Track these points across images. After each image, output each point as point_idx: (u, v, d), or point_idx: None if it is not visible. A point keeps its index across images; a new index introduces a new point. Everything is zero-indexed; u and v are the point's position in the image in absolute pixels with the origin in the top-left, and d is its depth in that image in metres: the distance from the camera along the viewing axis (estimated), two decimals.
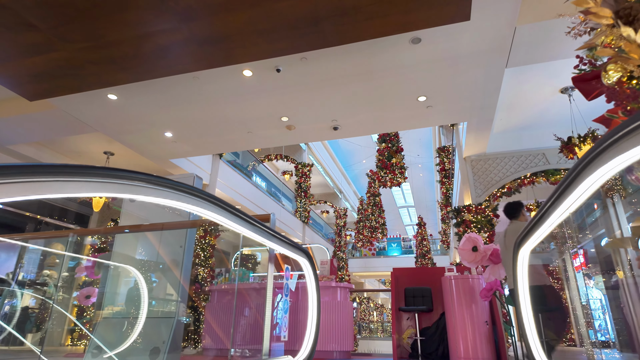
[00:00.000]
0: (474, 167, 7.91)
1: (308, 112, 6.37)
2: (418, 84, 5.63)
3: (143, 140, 7.35)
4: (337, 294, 5.11)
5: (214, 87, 5.73)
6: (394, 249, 23.96)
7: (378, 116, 6.52)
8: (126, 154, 8.63)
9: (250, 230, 1.71)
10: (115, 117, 6.51)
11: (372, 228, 14.79)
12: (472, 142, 7.37)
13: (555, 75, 6.20)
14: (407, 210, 31.38)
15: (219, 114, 6.45)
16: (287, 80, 5.52)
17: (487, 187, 7.71)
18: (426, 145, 21.07)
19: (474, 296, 4.69)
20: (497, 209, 7.55)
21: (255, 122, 6.65)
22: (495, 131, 7.83)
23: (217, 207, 1.55)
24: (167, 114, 6.47)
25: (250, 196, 11.55)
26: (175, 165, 8.47)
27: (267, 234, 1.69)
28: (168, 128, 6.92)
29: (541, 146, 7.65)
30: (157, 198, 1.30)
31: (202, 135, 7.16)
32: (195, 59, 4.46)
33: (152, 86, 5.69)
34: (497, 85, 5.66)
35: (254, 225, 1.59)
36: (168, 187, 1.36)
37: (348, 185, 25.28)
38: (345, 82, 5.60)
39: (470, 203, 7.60)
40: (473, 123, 6.73)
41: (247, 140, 7.31)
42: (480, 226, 7.36)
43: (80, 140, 8.13)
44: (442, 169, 14.98)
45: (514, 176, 7.67)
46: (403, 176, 10.47)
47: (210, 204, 1.55)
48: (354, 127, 6.86)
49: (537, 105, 7.04)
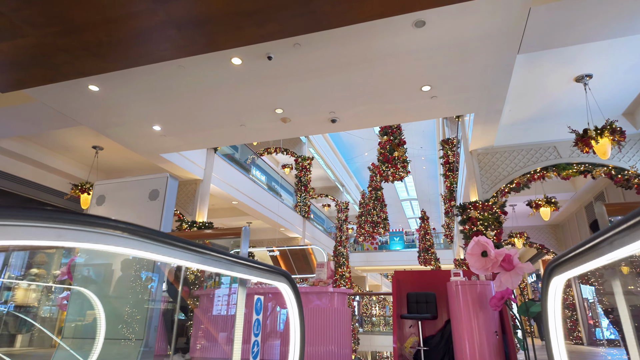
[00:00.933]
0: (480, 161, 7.49)
1: (303, 104, 5.95)
2: (422, 72, 5.20)
3: (130, 134, 6.96)
4: (334, 300, 4.75)
5: (201, 77, 5.32)
6: (397, 242, 23.61)
7: (379, 108, 6.09)
8: (116, 149, 8.26)
9: (195, 262, 1.28)
10: (98, 110, 6.11)
11: (373, 223, 14.41)
12: (479, 134, 6.94)
13: (570, 62, 5.74)
14: (410, 203, 30.99)
15: (209, 106, 6.04)
16: (280, 69, 5.10)
17: (495, 183, 7.29)
18: (429, 137, 20.59)
19: (483, 304, 4.31)
20: (504, 205, 7.14)
21: (248, 114, 6.24)
22: (503, 123, 7.38)
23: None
24: (154, 106, 6.07)
25: (248, 191, 11.18)
26: (166, 160, 8.09)
27: (225, 263, 1.28)
28: (156, 121, 6.52)
29: (552, 139, 7.20)
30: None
31: (192, 128, 6.76)
32: (175, 45, 4.04)
33: (134, 76, 5.28)
34: (508, 74, 5.21)
35: (200, 254, 1.17)
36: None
37: (350, 179, 24.88)
38: (343, 71, 5.18)
39: (476, 199, 7.19)
40: (480, 114, 6.29)
41: (240, 133, 6.90)
42: (487, 224, 6.96)
43: (68, 134, 7.75)
44: (446, 162, 14.54)
45: (523, 171, 7.24)
46: (406, 170, 10.05)
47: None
48: (354, 120, 6.44)
49: (549, 94, 6.58)
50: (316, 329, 4.54)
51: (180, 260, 1.10)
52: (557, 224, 12.93)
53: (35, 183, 8.29)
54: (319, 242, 17.10)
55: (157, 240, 1.08)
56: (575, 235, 11.63)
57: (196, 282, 8.01)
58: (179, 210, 8.97)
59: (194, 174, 8.85)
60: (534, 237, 13.02)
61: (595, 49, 5.47)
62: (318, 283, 4.81)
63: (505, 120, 7.28)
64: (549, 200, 8.62)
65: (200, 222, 8.63)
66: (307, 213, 15.67)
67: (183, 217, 8.86)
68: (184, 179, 9.09)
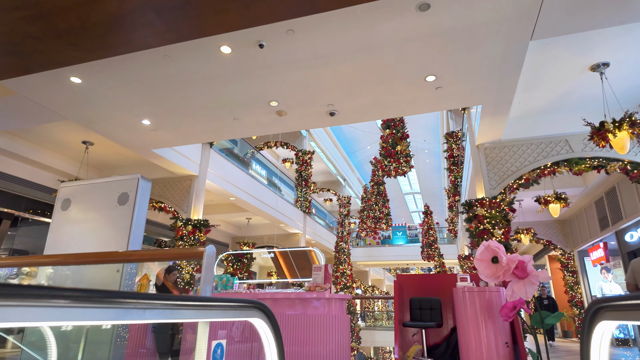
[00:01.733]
0: (487, 156, 7.11)
1: (300, 96, 5.59)
2: (426, 61, 4.82)
3: (119, 129, 6.62)
4: (331, 307, 4.43)
5: (189, 68, 4.96)
6: (399, 237, 23.30)
7: (380, 100, 5.72)
8: (106, 144, 7.93)
9: None
10: (83, 103, 5.77)
11: (375, 218, 14.08)
12: (486, 127, 6.56)
13: (586, 50, 5.34)
14: (413, 197, 30.63)
15: (199, 99, 5.69)
16: (273, 58, 4.74)
17: (503, 178, 6.92)
18: (433, 129, 20.16)
19: (493, 312, 3.98)
20: (513, 202, 6.78)
21: (241, 107, 5.89)
22: (511, 116, 7.00)
23: None
24: (141, 99, 5.72)
25: (246, 187, 10.85)
26: (158, 156, 7.76)
27: (158, 311, 0.92)
28: (144, 115, 6.18)
29: (564, 132, 6.81)
30: None
31: (183, 122, 6.41)
32: (156, 31, 3.68)
33: (118, 67, 4.93)
34: (519, 62, 4.83)
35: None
36: None
37: (352, 173, 24.52)
38: (341, 60, 4.80)
39: (483, 196, 6.83)
40: (488, 106, 5.91)
41: (234, 127, 6.55)
42: (494, 222, 6.61)
43: (57, 128, 7.42)
44: (450, 155, 14.14)
45: (533, 166, 6.86)
46: (409, 165, 9.68)
47: None
48: (353, 113, 6.07)
49: (562, 85, 6.18)
50: (311, 339, 4.23)
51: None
52: (565, 219, 12.55)
53: (24, 180, 7.99)
54: (321, 237, 16.80)
55: None
56: (584, 231, 11.26)
57: (191, 283, 7.71)
58: (174, 207, 8.67)
59: (189, 169, 8.53)
60: (541, 232, 12.66)
61: (613, 35, 5.07)
62: (314, 288, 4.49)
63: (514, 112, 6.90)
64: (559, 196, 8.24)
65: (195, 219, 8.32)
66: (307, 208, 15.34)
67: (178, 215, 8.56)
68: (178, 175, 8.77)
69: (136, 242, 2.40)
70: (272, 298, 4.51)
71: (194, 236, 8.22)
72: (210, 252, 1.40)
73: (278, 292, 4.63)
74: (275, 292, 4.59)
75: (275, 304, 4.51)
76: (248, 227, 14.73)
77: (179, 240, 8.19)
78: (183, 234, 8.17)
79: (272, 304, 4.56)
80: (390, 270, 34.35)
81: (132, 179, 2.52)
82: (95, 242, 2.49)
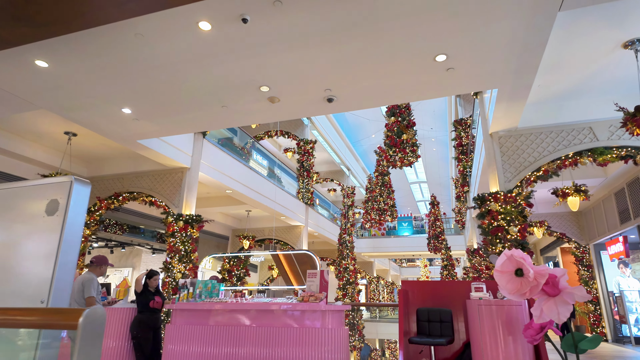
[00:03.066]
0: (502, 146, 6.48)
1: (293, 80, 4.99)
2: (436, 38, 4.18)
3: (99, 118, 6.08)
4: (327, 320, 3.90)
5: (165, 48, 4.37)
6: (405, 228, 22.77)
7: (384, 83, 5.10)
8: (91, 135, 7.39)
9: None
10: (55, 90, 5.22)
11: (380, 210, 13.51)
12: (501, 114, 5.92)
13: (619, 23, 4.66)
14: (419, 186, 29.97)
15: (181, 85, 5.10)
16: (260, 34, 4.13)
17: (519, 170, 6.30)
18: (441, 116, 19.41)
19: (514, 329, 3.42)
20: (530, 197, 6.17)
21: (228, 93, 5.30)
22: (529, 101, 6.33)
23: None
24: (118, 86, 5.15)
25: (244, 179, 10.30)
26: (146, 148, 7.21)
27: None
28: (124, 103, 5.62)
29: (588, 118, 6.15)
30: None
31: (166, 111, 5.85)
32: (116, 2, 3.09)
33: (86, 49, 4.35)
34: (544, 37, 4.17)
35: None
36: None
37: (356, 162, 23.89)
38: (338, 38, 4.19)
39: (497, 190, 6.23)
40: (505, 90, 5.27)
41: (223, 116, 5.97)
42: (509, 218, 6.01)
43: (36, 118, 6.89)
44: (458, 144, 13.46)
45: (553, 156, 6.23)
46: (415, 155, 9.05)
47: None
48: (354, 99, 5.46)
49: (588, 65, 5.51)
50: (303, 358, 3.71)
51: None
52: (580, 211, 11.89)
53: (3, 173, 7.51)
54: (324, 229, 16.30)
55: None
56: (601, 224, 10.61)
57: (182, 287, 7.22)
58: (164, 202, 8.16)
59: (180, 161, 7.98)
60: (554, 225, 12.02)
61: None
62: (308, 298, 3.96)
63: (532, 97, 6.23)
64: (579, 188, 7.58)
65: (187, 214, 7.81)
66: (310, 200, 14.80)
67: (169, 210, 8.05)
68: (168, 167, 8.23)
69: (67, 263, 1.87)
70: (258, 310, 3.99)
71: (185, 232, 7.72)
72: (92, 319, 0.84)
73: (266, 301, 4.11)
74: (262, 303, 4.06)
75: (263, 316, 3.99)
76: (248, 220, 14.24)
77: (170, 236, 7.70)
78: (174, 230, 7.67)
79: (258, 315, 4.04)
80: (395, 261, 33.91)
81: (63, 182, 1.97)
82: (15, 265, 1.96)
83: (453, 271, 15.02)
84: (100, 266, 4.45)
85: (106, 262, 4.53)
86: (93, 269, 4.41)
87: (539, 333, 3.16)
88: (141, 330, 4.67)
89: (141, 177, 8.52)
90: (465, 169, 13.20)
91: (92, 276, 4.29)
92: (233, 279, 9.98)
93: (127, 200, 8.67)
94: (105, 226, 12.67)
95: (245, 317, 4.06)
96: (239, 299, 4.28)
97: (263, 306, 3.98)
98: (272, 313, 3.98)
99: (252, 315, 4.06)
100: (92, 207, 8.77)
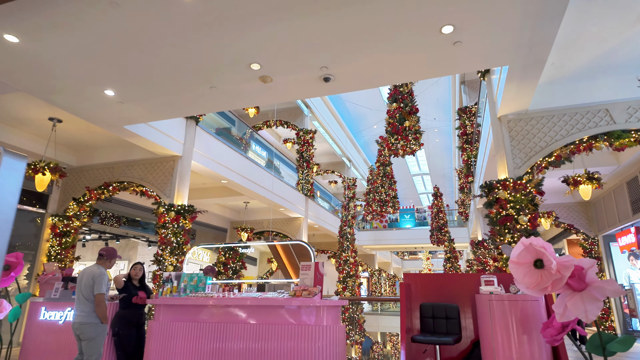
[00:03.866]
0: (511, 130, 6.08)
1: (286, 56, 4.59)
2: (442, 7, 3.78)
3: (81, 102, 5.70)
4: (322, 316, 3.55)
5: (144, 20, 3.98)
6: (407, 220, 22.41)
7: (385, 60, 4.69)
8: (77, 122, 7.02)
9: None
10: (28, 69, 4.84)
11: (382, 201, 13.14)
12: (512, 95, 5.51)
13: None
14: (422, 178, 29.56)
15: (164, 62, 4.71)
16: (248, 4, 3.73)
17: (529, 156, 5.91)
18: (444, 106, 18.94)
19: (529, 327, 3.06)
20: (541, 184, 5.78)
21: (216, 71, 4.91)
22: (541, 81, 5.92)
23: None
24: (97, 64, 4.77)
25: (240, 169, 9.93)
26: (134, 134, 6.84)
27: None
28: (105, 84, 5.24)
29: (604, 99, 5.74)
30: None
31: (151, 92, 5.46)
32: None
33: (58, 22, 3.97)
34: (562, 6, 3.76)
35: None
36: None
37: (357, 153, 23.48)
38: (334, 8, 3.78)
39: (506, 176, 5.84)
40: (516, 68, 4.86)
41: (213, 98, 5.59)
42: (519, 207, 5.63)
43: (17, 102, 6.51)
44: (463, 133, 13.04)
45: (565, 140, 5.83)
46: (418, 143, 8.65)
47: None
48: (352, 77, 5.06)
49: (606, 41, 5.09)
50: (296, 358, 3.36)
51: None
52: (589, 201, 11.47)
53: None
54: (324, 222, 15.95)
55: None
56: (612, 214, 10.21)
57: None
58: (155, 191, 7.80)
59: (171, 149, 7.61)
60: (562, 215, 11.62)
61: None
62: (301, 293, 3.60)
63: (543, 77, 5.81)
64: (591, 175, 7.18)
65: (179, 205, 7.46)
66: (310, 191, 14.43)
67: (160, 200, 7.70)
68: (159, 155, 7.87)
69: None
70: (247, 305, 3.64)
71: (177, 223, 7.37)
72: None
73: (255, 296, 3.75)
74: (250, 298, 3.70)
75: (252, 312, 3.64)
76: (247, 212, 13.90)
77: (161, 228, 7.35)
78: (166, 221, 7.32)
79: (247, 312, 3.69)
80: (397, 254, 33.59)
81: None
82: None
83: (457, 263, 14.66)
84: (110, 259, 4.11)
85: (116, 255, 4.19)
86: (103, 262, 4.06)
87: (561, 333, 2.77)
88: (123, 327, 4.34)
89: (132, 166, 8.16)
90: (470, 158, 12.79)
91: (103, 271, 3.94)
92: (229, 272, 9.65)
93: (117, 190, 8.33)
94: (102, 218, 12.39)
95: (232, 313, 3.71)
96: (227, 293, 3.94)
97: (251, 301, 3.63)
98: (261, 309, 3.63)
99: (240, 311, 3.71)
100: (81, 198, 8.44)
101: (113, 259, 4.14)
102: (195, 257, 13.87)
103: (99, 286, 3.84)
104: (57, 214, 8.43)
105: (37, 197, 8.41)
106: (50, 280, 4.91)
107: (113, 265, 4.25)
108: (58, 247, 8.23)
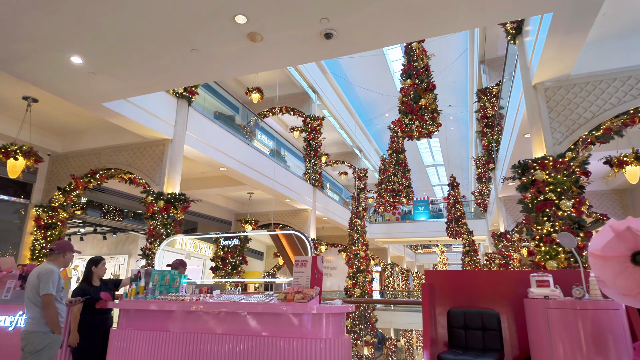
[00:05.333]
0: (550, 100, 5.14)
1: (277, 5, 3.74)
2: None
3: (46, 72, 4.96)
4: (320, 326, 2.73)
5: None
6: (421, 212, 21.43)
7: (397, 7, 3.81)
8: (55, 101, 6.30)
9: None
10: None
11: (394, 191, 12.24)
12: (553, 54, 4.57)
13: None
14: (436, 169, 28.46)
15: (135, 18, 3.91)
16: None
17: (572, 130, 4.97)
18: (460, 91, 17.85)
19: (604, 346, 2.19)
20: (587, 162, 4.85)
21: (196, 27, 4.08)
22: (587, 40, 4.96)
23: None
24: (57, 22, 4.00)
25: (241, 156, 9.15)
26: (116, 114, 6.09)
27: None
28: (71, 48, 4.47)
29: None
30: None
31: (126, 59, 4.68)
32: None
33: None
34: None
35: None
36: None
37: (368, 143, 22.54)
38: None
39: (544, 154, 4.92)
40: (562, 17, 3.93)
41: (196, 64, 4.77)
42: (560, 190, 4.71)
43: None
44: (483, 116, 12.00)
45: (616, 110, 4.88)
46: (436, 123, 7.73)
47: None
48: (359, 33, 4.19)
49: None
50: None
51: None
52: (624, 188, 10.40)
53: None
54: (334, 214, 15.13)
55: None
56: None
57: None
58: (144, 179, 7.07)
59: (160, 132, 6.85)
60: (595, 204, 10.57)
61: None
62: (293, 296, 2.79)
63: (591, 34, 4.86)
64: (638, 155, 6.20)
65: (169, 193, 6.70)
66: (318, 181, 13.60)
67: (149, 188, 6.96)
68: (147, 138, 7.12)
69: None
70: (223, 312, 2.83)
71: (167, 213, 6.62)
72: None
73: (235, 300, 2.94)
74: (228, 302, 2.89)
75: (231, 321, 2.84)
76: (251, 203, 13.16)
77: (149, 218, 6.62)
78: (154, 211, 6.58)
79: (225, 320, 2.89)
80: (410, 247, 32.58)
81: None
82: None
83: (476, 257, 13.69)
84: (64, 254, 3.39)
85: (71, 249, 3.46)
86: (54, 258, 3.35)
87: None
88: (84, 336, 3.59)
89: (119, 152, 7.44)
90: (491, 143, 11.77)
91: (52, 268, 3.23)
92: (228, 268, 8.90)
93: (104, 178, 7.62)
94: (104, 212, 11.84)
95: (205, 322, 2.93)
96: (203, 295, 3.16)
97: (230, 307, 2.83)
98: (241, 317, 2.82)
99: (218, 319, 2.91)
100: (67, 187, 7.76)
101: (67, 252, 3.40)
102: (197, 250, 13.21)
103: (44, 285, 3.10)
104: (41, 204, 7.77)
105: (21, 187, 7.77)
106: (2, 278, 4.21)
107: (70, 261, 3.50)
108: (43, 240, 7.58)
